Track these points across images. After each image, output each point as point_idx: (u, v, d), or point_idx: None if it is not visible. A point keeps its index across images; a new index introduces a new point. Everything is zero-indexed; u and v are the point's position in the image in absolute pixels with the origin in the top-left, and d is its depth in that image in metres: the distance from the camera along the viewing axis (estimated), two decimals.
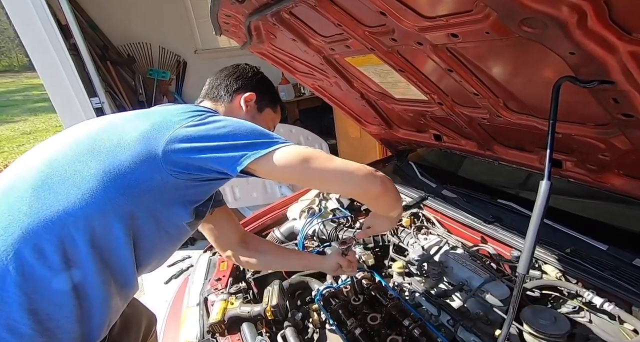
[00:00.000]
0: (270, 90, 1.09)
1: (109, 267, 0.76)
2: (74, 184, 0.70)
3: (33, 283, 0.68)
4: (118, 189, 0.72)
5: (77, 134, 0.80)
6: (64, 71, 2.54)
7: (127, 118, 0.82)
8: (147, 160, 0.72)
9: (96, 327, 0.78)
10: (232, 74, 1.03)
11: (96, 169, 0.71)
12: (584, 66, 0.57)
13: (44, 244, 0.67)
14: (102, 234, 0.72)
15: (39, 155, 0.77)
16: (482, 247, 1.22)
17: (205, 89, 1.05)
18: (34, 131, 8.25)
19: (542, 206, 0.59)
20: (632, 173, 0.89)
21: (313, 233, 1.46)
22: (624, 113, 0.64)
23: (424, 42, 0.81)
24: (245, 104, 1.01)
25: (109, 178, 0.71)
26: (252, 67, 1.08)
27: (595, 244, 1.05)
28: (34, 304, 0.68)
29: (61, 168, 0.72)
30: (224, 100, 1.01)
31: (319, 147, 3.54)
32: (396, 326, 0.98)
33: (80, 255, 0.71)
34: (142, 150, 0.73)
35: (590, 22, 0.47)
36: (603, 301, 0.86)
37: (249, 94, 1.01)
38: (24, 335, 0.68)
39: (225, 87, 1.01)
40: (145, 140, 0.73)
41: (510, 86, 0.86)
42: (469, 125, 1.21)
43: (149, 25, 3.82)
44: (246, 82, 1.03)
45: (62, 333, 0.73)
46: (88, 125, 0.84)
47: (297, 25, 1.10)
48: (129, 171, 0.72)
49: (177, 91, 4.22)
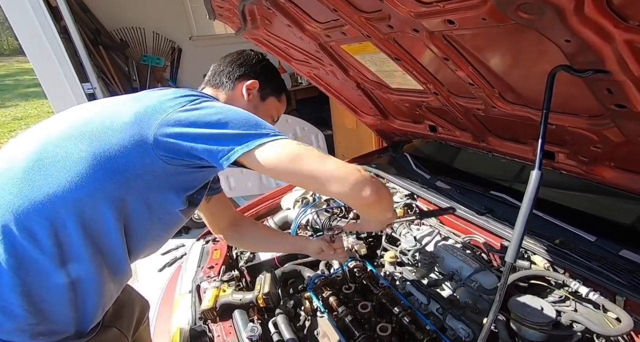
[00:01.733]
0: (275, 78, 1.05)
1: (101, 252, 0.75)
2: (64, 166, 0.69)
3: (25, 265, 0.67)
4: (107, 173, 0.70)
5: (70, 117, 0.78)
6: (54, 55, 2.48)
7: (122, 101, 0.80)
8: (138, 144, 0.71)
9: (89, 311, 0.78)
10: (235, 61, 0.99)
11: (86, 152, 0.70)
12: (579, 55, 0.57)
13: (34, 226, 0.67)
14: (92, 219, 0.71)
15: (32, 137, 0.76)
16: (473, 237, 1.23)
17: (208, 75, 1.01)
18: (26, 117, 8.12)
19: (532, 195, 0.59)
20: (623, 165, 0.89)
21: (307, 223, 1.46)
22: (617, 104, 0.64)
23: (420, 29, 0.80)
24: (247, 92, 0.97)
25: (98, 161, 0.70)
26: (257, 54, 1.03)
27: (584, 235, 1.07)
28: (27, 286, 0.68)
29: (53, 150, 0.71)
30: (226, 87, 0.98)
31: (315, 138, 3.52)
32: (386, 314, 1.00)
33: (72, 239, 0.70)
34: (133, 133, 0.71)
35: (587, 8, 0.46)
36: (588, 290, 0.87)
37: (252, 81, 0.98)
38: (17, 316, 0.68)
39: (227, 74, 0.98)
40: (137, 123, 0.72)
41: (505, 76, 0.85)
42: (464, 116, 1.20)
43: (143, 9, 3.72)
44: (249, 69, 0.99)
45: (55, 315, 0.73)
46: (82, 108, 0.82)
47: (292, 10, 1.07)
48: (119, 154, 0.70)
49: (172, 78, 4.15)
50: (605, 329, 0.78)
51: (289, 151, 0.70)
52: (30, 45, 2.44)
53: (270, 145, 0.70)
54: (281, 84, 1.07)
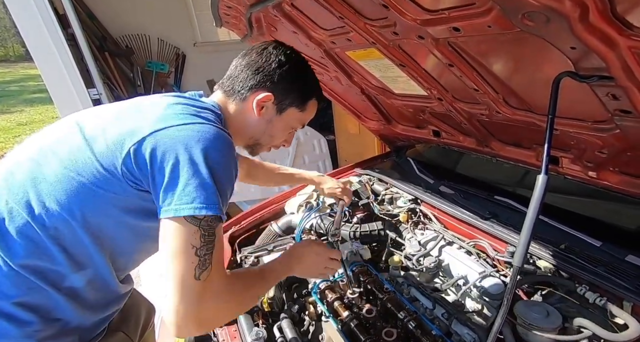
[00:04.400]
0: (299, 85, 0.88)
1: (86, 270, 0.74)
2: (42, 189, 0.68)
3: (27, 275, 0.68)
4: (80, 197, 0.68)
5: (66, 123, 0.77)
6: (61, 61, 2.51)
7: (112, 116, 0.75)
8: (109, 171, 0.67)
9: (95, 317, 0.79)
10: (252, 64, 0.84)
11: (62, 175, 0.68)
12: (584, 61, 0.58)
13: (15, 245, 0.67)
14: (72, 242, 0.70)
15: (37, 141, 0.76)
16: (478, 242, 1.23)
17: (226, 75, 0.89)
18: (30, 122, 8.18)
19: (538, 199, 0.59)
20: (628, 171, 0.90)
21: (310, 227, 1.46)
22: (622, 109, 0.65)
23: (425, 35, 0.81)
24: (257, 107, 0.85)
25: (71, 185, 0.67)
26: (280, 54, 0.85)
27: (590, 240, 1.06)
28: (32, 294, 0.69)
29: (44, 157, 0.71)
30: (237, 97, 0.86)
31: (317, 143, 3.53)
32: (392, 319, 1.00)
33: (56, 259, 0.69)
34: (106, 158, 0.67)
35: (592, 16, 0.48)
36: (596, 296, 0.87)
37: (264, 95, 0.83)
38: (24, 322, 0.69)
39: (241, 81, 0.85)
40: (113, 146, 0.67)
41: (510, 82, 0.86)
42: (468, 122, 1.21)
43: (148, 16, 3.78)
44: (266, 78, 0.84)
45: (61, 321, 0.74)
46: (81, 115, 0.80)
47: (298, 17, 1.09)
48: (92, 180, 0.68)
49: (176, 84, 4.19)
50: (613, 335, 0.77)
51: (180, 245, 0.62)
52: (38, 51, 2.48)
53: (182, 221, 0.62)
54: (307, 90, 0.91)
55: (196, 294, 0.62)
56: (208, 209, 0.63)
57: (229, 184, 0.70)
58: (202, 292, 0.63)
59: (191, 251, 0.62)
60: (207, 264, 0.64)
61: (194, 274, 0.62)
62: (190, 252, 0.62)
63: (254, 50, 0.87)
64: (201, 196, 0.63)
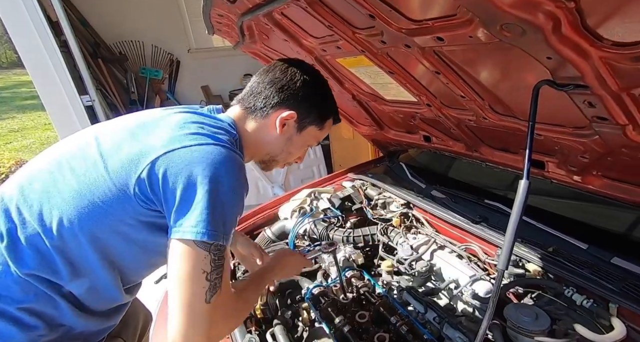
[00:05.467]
0: (320, 104, 0.90)
1: (92, 284, 0.74)
2: (54, 204, 0.69)
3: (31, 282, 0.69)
4: (91, 216, 0.68)
5: (86, 136, 0.78)
6: (54, 68, 2.51)
7: (127, 133, 0.75)
8: (121, 191, 0.68)
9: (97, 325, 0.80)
10: (277, 81, 0.84)
11: (75, 192, 0.69)
12: (560, 70, 0.60)
13: (25, 257, 0.68)
14: (78, 257, 0.70)
15: (57, 151, 0.77)
16: (469, 246, 1.25)
17: (245, 91, 0.89)
18: (22, 129, 8.10)
19: (520, 203, 0.61)
20: (609, 175, 0.92)
21: (304, 232, 1.47)
22: (599, 116, 0.67)
23: (411, 44, 0.83)
24: (280, 125, 0.84)
25: (82, 203, 0.68)
26: (304, 73, 0.86)
27: (576, 243, 1.09)
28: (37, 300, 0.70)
29: (60, 171, 0.72)
30: (258, 114, 0.85)
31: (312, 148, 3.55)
32: (384, 324, 1.00)
33: (62, 273, 0.70)
34: (119, 178, 0.68)
35: (564, 28, 0.50)
36: (582, 298, 0.89)
37: (289, 113, 0.84)
38: (30, 327, 0.69)
39: (264, 99, 0.84)
40: (126, 166, 0.68)
41: (494, 89, 0.89)
42: (457, 127, 1.24)
43: (141, 23, 3.79)
44: (290, 96, 0.84)
45: (65, 327, 0.74)
46: (100, 128, 0.80)
47: (289, 26, 1.11)
48: (103, 199, 0.68)
49: (170, 90, 4.19)
50: (599, 337, 0.79)
51: (190, 270, 0.63)
52: (30, 59, 2.47)
53: (192, 245, 0.63)
54: (327, 109, 0.92)
55: (207, 317, 0.63)
56: (217, 236, 0.64)
57: (238, 207, 0.70)
58: (212, 315, 0.64)
59: (202, 276, 0.63)
60: (217, 287, 0.65)
61: (204, 299, 0.63)
62: (201, 277, 0.63)
63: (277, 68, 0.87)
64: (212, 222, 0.63)
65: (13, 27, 2.38)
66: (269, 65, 0.89)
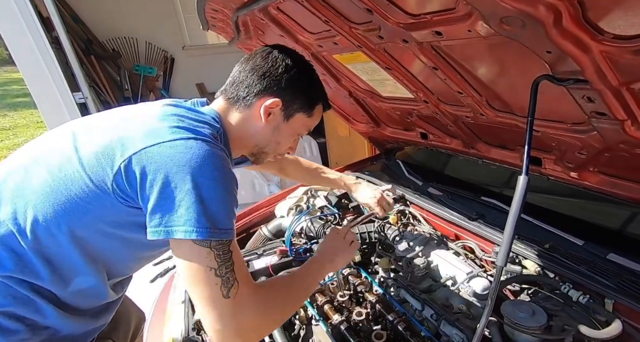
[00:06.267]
0: (307, 90, 0.86)
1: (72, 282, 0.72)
2: (29, 201, 0.66)
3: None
4: (67, 212, 0.66)
5: (63, 131, 0.75)
6: (45, 65, 2.47)
7: (111, 123, 0.73)
8: (98, 186, 0.65)
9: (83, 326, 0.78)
10: (258, 68, 0.80)
11: (50, 187, 0.67)
12: (560, 65, 0.59)
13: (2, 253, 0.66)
14: (57, 254, 0.68)
15: (33, 148, 0.75)
16: (465, 243, 1.25)
17: (228, 81, 0.85)
18: (14, 127, 7.98)
19: (519, 200, 0.60)
20: (606, 171, 0.92)
21: (301, 230, 1.46)
22: (597, 111, 0.67)
23: (409, 39, 0.82)
24: (265, 114, 0.81)
25: (57, 199, 0.66)
26: (286, 57, 0.81)
27: (573, 239, 1.09)
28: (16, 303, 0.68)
29: (34, 166, 0.69)
30: (241, 104, 0.82)
31: (308, 146, 3.54)
32: (381, 321, 1.00)
33: (40, 273, 0.67)
34: (95, 171, 0.65)
35: (565, 21, 0.49)
36: (579, 294, 0.89)
37: (272, 101, 0.80)
38: (11, 331, 0.67)
39: (246, 87, 0.81)
40: (102, 159, 0.65)
41: (492, 85, 0.88)
42: (454, 124, 1.23)
43: (135, 19, 3.74)
44: (272, 82, 0.80)
45: (48, 330, 0.72)
46: (78, 123, 0.78)
47: (285, 21, 1.10)
48: (80, 195, 0.66)
49: (165, 87, 4.15)
50: (595, 332, 0.79)
51: (196, 269, 0.61)
52: (21, 56, 2.43)
53: (190, 245, 0.61)
54: (315, 95, 0.88)
55: (230, 311, 0.62)
56: (210, 233, 0.61)
57: (228, 201, 0.67)
58: (235, 309, 0.62)
59: (210, 273, 0.61)
60: (232, 280, 0.63)
61: (221, 294, 0.62)
62: (209, 274, 0.61)
63: (258, 55, 0.83)
64: (200, 220, 0.61)
65: (3, 23, 2.33)
66: (250, 53, 0.85)
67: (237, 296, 0.63)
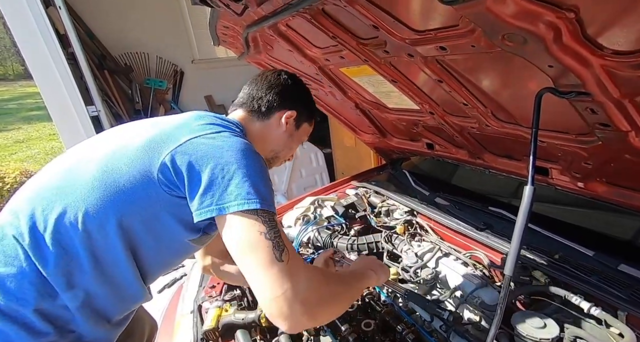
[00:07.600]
0: (310, 104, 1.05)
1: (111, 279, 0.76)
2: (79, 196, 0.71)
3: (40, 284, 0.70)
4: (116, 204, 0.71)
5: (103, 136, 0.84)
6: (61, 80, 2.55)
7: (140, 128, 0.82)
8: (144, 177, 0.71)
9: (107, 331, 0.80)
10: (274, 87, 0.96)
11: (99, 182, 0.72)
12: (562, 78, 0.61)
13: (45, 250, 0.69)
14: (103, 249, 0.72)
15: (75, 153, 0.81)
16: (474, 253, 1.24)
17: (243, 97, 0.98)
18: (28, 139, 8.18)
19: (526, 209, 0.61)
20: (613, 181, 0.92)
21: (308, 240, 1.47)
22: (601, 123, 0.68)
23: (414, 54, 0.85)
24: (285, 123, 0.96)
25: (107, 192, 0.71)
26: (291, 78, 1.00)
27: (583, 250, 1.08)
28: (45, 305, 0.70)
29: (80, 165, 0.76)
30: (262, 115, 0.95)
31: (314, 156, 3.56)
32: (390, 332, 0.99)
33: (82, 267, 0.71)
34: (142, 164, 0.71)
35: (565, 38, 0.51)
36: (590, 305, 0.88)
37: (290, 112, 0.96)
38: (41, 333, 0.70)
39: (267, 102, 0.95)
40: (147, 153, 0.72)
41: (497, 97, 0.90)
42: (460, 134, 1.25)
43: (146, 35, 3.87)
44: (289, 98, 0.97)
45: (75, 334, 0.74)
46: (116, 128, 0.87)
47: (293, 36, 1.14)
48: (127, 186, 0.71)
49: (174, 100, 4.25)
50: None
51: (247, 236, 0.65)
52: (39, 70, 2.52)
53: (239, 216, 0.66)
54: (313, 108, 1.06)
55: (286, 273, 0.62)
56: (259, 202, 0.66)
57: (268, 181, 0.73)
58: (291, 271, 0.63)
59: (260, 237, 0.64)
60: (282, 245, 0.65)
61: (274, 257, 0.63)
62: (260, 238, 0.64)
63: (269, 75, 0.99)
64: (250, 192, 0.66)
65: (23, 40, 2.43)
66: (259, 75, 1.01)
67: (290, 262, 0.64)
